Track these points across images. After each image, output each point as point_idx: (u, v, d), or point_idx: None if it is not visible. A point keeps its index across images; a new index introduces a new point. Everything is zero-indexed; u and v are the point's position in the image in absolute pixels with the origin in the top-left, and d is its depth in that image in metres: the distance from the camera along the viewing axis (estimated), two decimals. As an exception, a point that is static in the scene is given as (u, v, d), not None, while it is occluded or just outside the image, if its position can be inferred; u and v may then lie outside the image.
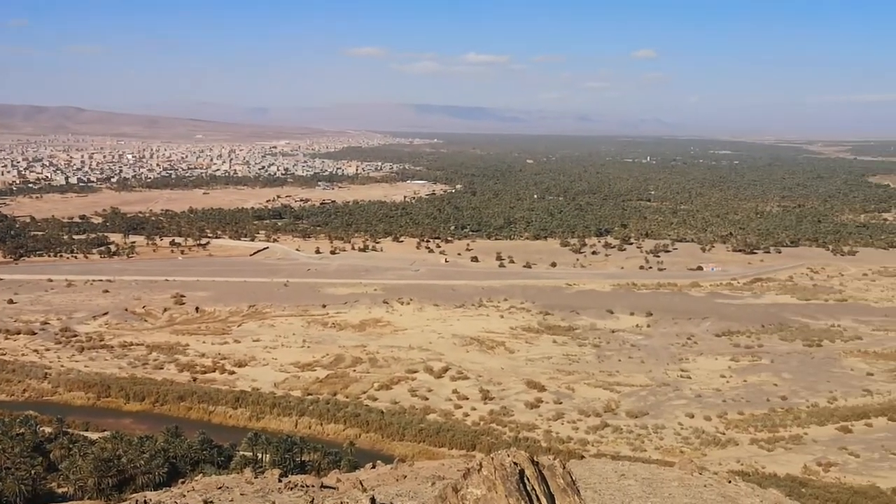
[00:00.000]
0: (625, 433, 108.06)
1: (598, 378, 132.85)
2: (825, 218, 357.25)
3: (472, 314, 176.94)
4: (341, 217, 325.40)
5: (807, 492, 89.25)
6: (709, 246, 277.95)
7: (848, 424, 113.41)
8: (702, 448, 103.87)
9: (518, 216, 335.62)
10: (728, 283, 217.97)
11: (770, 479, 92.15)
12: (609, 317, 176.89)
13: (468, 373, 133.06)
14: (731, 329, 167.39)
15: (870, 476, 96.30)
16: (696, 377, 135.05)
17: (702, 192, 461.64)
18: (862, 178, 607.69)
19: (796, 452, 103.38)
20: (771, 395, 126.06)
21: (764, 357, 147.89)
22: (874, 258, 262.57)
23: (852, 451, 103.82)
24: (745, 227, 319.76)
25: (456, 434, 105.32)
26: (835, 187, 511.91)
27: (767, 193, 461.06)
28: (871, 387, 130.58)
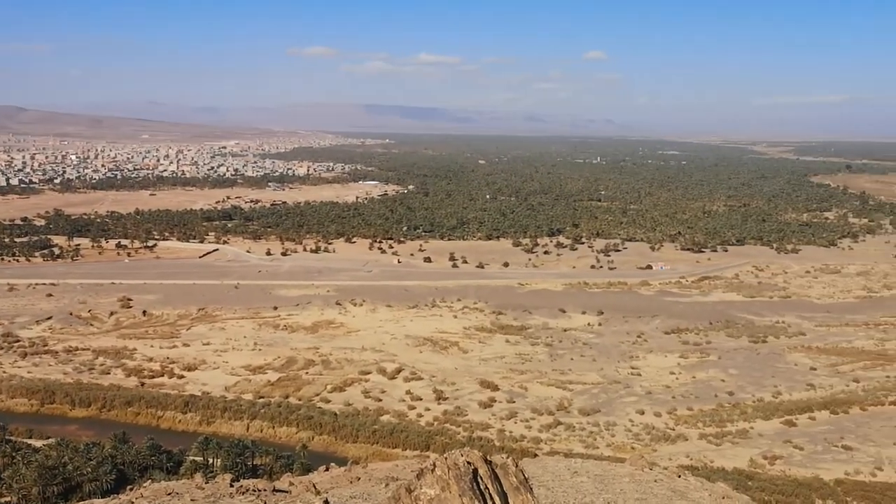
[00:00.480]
0: (577, 431, 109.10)
1: (550, 377, 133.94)
2: (769, 217, 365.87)
3: (425, 315, 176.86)
4: (293, 218, 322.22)
5: (753, 485, 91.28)
6: (658, 245, 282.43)
7: (792, 418, 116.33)
8: (652, 444, 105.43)
9: (471, 216, 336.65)
10: (677, 282, 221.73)
11: (718, 472, 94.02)
12: (561, 316, 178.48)
13: (422, 373, 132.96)
14: (679, 327, 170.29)
15: (813, 468, 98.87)
16: (646, 374, 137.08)
17: (651, 192, 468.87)
18: (804, 177, 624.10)
19: (743, 446, 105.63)
20: (718, 390, 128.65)
21: (712, 354, 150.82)
22: (816, 256, 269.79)
23: (797, 444, 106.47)
24: (692, 226, 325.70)
25: (410, 435, 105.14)
26: (778, 187, 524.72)
27: (714, 193, 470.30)
28: (814, 381, 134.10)
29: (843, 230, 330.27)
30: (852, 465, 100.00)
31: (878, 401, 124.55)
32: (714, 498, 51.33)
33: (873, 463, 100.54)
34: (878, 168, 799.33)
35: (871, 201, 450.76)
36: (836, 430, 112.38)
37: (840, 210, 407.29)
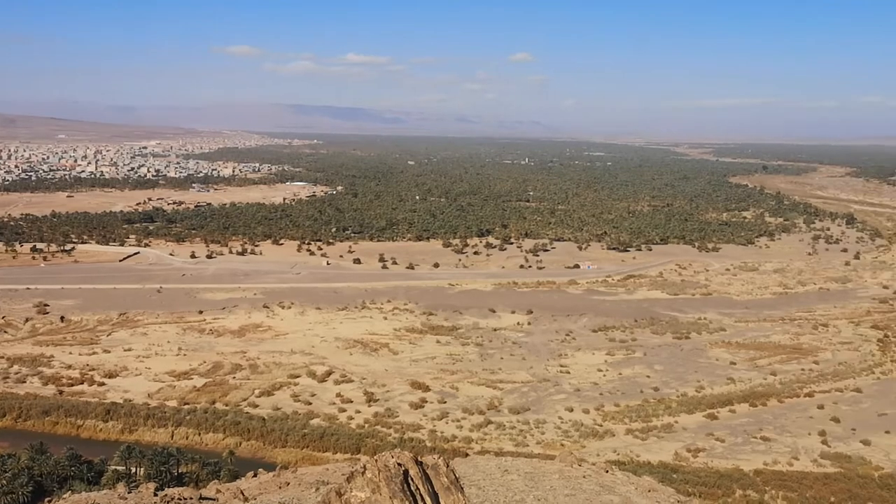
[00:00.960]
0: (507, 429, 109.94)
1: (481, 376, 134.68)
2: (691, 217, 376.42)
3: (355, 317, 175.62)
4: (218, 220, 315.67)
5: (678, 477, 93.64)
6: (585, 245, 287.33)
7: (714, 411, 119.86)
8: (581, 440, 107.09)
9: (400, 217, 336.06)
10: (603, 281, 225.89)
11: (644, 466, 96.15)
12: (491, 316, 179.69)
13: (352, 376, 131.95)
14: (606, 325, 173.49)
15: (734, 459, 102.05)
16: (574, 372, 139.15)
17: (578, 193, 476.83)
18: (724, 178, 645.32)
19: (668, 440, 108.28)
20: (644, 386, 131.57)
21: (637, 350, 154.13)
22: (735, 254, 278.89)
23: (718, 436, 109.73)
24: (618, 225, 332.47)
25: (340, 438, 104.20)
26: (699, 187, 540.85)
27: (638, 193, 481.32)
28: (734, 375, 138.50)
29: (761, 229, 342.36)
30: (770, 455, 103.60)
31: (794, 393, 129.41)
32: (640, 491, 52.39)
33: (790, 453, 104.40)
34: (792, 169, 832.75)
35: (786, 201, 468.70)
36: (755, 422, 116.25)
37: (757, 209, 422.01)
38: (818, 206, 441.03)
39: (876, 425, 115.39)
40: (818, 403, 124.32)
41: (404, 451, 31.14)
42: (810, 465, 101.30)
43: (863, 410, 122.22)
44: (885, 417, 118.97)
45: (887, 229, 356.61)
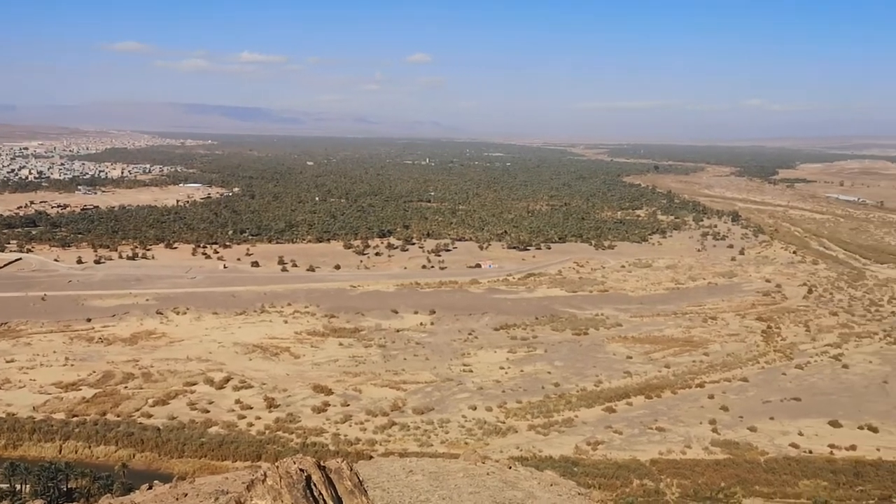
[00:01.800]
0: (412, 430, 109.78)
1: (384, 378, 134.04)
2: (588, 215, 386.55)
3: (254, 321, 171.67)
4: (106, 223, 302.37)
5: (578, 470, 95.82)
6: (486, 244, 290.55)
7: (612, 405, 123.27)
8: (484, 438, 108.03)
9: (300, 219, 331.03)
10: (504, 279, 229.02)
11: (546, 461, 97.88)
12: (394, 317, 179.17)
13: (252, 381, 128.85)
14: (508, 323, 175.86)
15: (631, 450, 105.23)
16: (477, 370, 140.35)
17: (478, 193, 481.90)
18: (618, 178, 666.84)
19: (569, 434, 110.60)
20: (545, 382, 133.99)
21: (538, 347, 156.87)
22: (630, 251, 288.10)
23: (616, 428, 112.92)
24: (518, 225, 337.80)
25: (240, 445, 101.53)
26: (595, 187, 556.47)
27: (537, 193, 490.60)
28: (631, 369, 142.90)
29: (653, 227, 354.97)
30: (665, 444, 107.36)
31: (686, 384, 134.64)
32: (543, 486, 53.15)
33: (683, 442, 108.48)
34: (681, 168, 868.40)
35: (677, 200, 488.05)
36: (650, 413, 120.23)
37: (650, 208, 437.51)
38: (706, 205, 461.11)
39: (761, 412, 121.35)
40: (708, 393, 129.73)
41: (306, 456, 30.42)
42: (702, 452, 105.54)
43: (749, 398, 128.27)
44: (769, 404, 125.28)
45: (769, 226, 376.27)
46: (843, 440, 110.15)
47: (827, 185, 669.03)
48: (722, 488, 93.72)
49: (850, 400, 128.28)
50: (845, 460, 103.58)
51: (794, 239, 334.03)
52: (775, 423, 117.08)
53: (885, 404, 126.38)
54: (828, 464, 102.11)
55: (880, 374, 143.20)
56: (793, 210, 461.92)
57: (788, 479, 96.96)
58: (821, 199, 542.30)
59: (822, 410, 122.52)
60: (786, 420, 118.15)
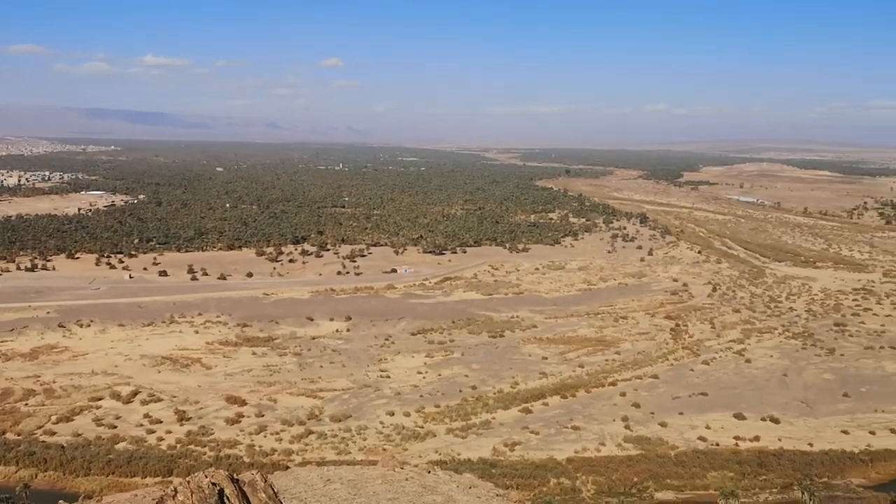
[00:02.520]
0: (329, 438, 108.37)
1: (300, 386, 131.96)
2: (502, 219, 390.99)
3: (163, 332, 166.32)
4: (2, 234, 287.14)
5: (497, 471, 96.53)
6: (402, 249, 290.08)
7: (529, 406, 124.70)
8: (403, 443, 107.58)
9: (210, 226, 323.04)
10: (421, 284, 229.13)
11: (465, 464, 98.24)
12: (309, 324, 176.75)
13: (161, 394, 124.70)
14: (425, 327, 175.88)
15: (548, 450, 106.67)
16: (395, 376, 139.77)
17: (393, 198, 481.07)
18: (530, 181, 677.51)
19: (486, 437, 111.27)
20: (463, 385, 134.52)
21: (455, 351, 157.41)
22: (543, 253, 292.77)
23: (533, 429, 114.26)
24: (433, 229, 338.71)
25: (150, 461, 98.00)
26: (508, 191, 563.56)
27: (452, 197, 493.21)
28: (546, 369, 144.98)
29: (566, 229, 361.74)
30: (580, 443, 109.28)
31: (599, 383, 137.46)
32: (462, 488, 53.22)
33: (597, 439, 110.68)
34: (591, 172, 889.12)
35: (588, 202, 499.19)
36: (566, 412, 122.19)
37: (562, 211, 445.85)
38: (616, 207, 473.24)
39: (671, 408, 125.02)
40: (621, 391, 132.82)
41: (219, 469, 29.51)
42: (615, 449, 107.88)
43: (660, 395, 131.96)
44: (678, 400, 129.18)
45: (675, 227, 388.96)
46: (747, 432, 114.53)
47: (728, 188, 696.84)
48: (635, 483, 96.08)
49: (753, 393, 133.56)
50: (749, 451, 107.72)
51: (698, 239, 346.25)
52: (684, 417, 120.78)
53: (784, 396, 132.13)
54: (733, 455, 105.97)
55: (780, 367, 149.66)
56: (697, 211, 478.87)
57: (697, 471, 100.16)
58: (723, 201, 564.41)
59: (728, 404, 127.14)
60: (694, 414, 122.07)
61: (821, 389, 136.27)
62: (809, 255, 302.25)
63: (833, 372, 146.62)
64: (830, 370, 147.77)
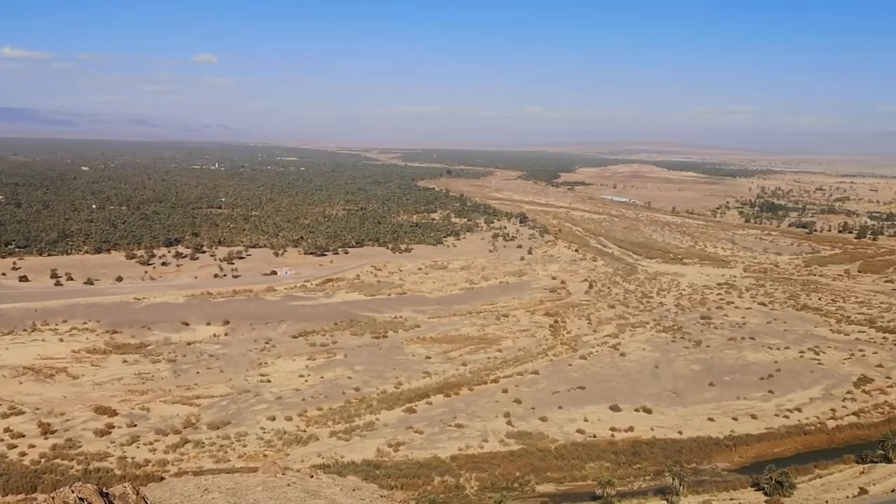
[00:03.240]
0: (207, 446, 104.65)
1: (175, 394, 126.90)
2: (384, 219, 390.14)
3: (24, 341, 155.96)
4: None
5: (381, 472, 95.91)
6: (282, 250, 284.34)
7: (413, 405, 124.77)
8: (285, 448, 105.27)
9: (75, 229, 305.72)
10: (302, 286, 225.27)
11: (349, 466, 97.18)
12: (184, 329, 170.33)
13: (23, 407, 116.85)
14: (307, 329, 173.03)
15: (432, 449, 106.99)
16: (276, 380, 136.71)
17: (272, 198, 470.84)
18: (412, 182, 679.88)
19: (370, 438, 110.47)
20: (346, 388, 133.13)
21: (338, 353, 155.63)
22: (426, 253, 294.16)
23: (417, 428, 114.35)
24: (314, 230, 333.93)
25: (11, 477, 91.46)
26: (390, 191, 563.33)
27: (333, 198, 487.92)
28: (430, 369, 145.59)
29: (448, 229, 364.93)
30: (464, 440, 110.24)
31: (482, 380, 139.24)
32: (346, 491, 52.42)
33: (480, 436, 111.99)
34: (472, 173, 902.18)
35: (469, 202, 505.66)
36: (449, 411, 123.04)
37: (444, 211, 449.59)
38: (496, 207, 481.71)
39: (551, 402, 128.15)
40: (503, 388, 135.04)
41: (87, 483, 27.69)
42: (498, 445, 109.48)
43: (540, 390, 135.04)
44: (558, 394, 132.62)
45: (553, 226, 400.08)
46: (622, 423, 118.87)
47: (602, 188, 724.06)
48: (517, 478, 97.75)
49: (627, 385, 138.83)
50: (625, 441, 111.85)
51: (575, 238, 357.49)
52: (564, 411, 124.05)
53: (656, 387, 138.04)
54: (610, 446, 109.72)
55: (652, 359, 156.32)
56: (574, 211, 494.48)
57: (576, 463, 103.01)
58: (597, 201, 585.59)
59: (604, 396, 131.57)
60: (573, 408, 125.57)
61: (689, 380, 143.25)
62: (678, 252, 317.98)
63: (700, 363, 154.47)
64: (698, 361, 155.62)
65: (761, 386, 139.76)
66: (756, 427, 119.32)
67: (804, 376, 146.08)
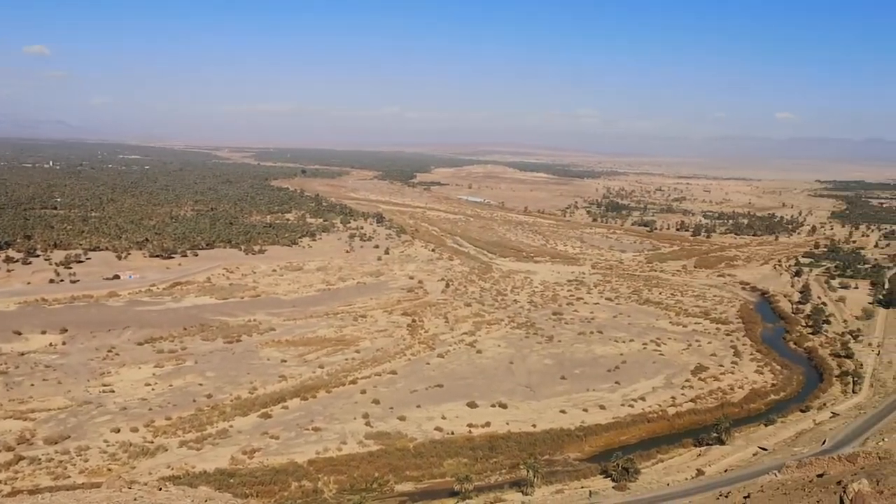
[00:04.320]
0: (44, 463, 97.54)
1: (7, 408, 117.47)
2: (236, 220, 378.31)
3: None
4: None
5: (235, 480, 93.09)
6: (125, 253, 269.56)
7: (268, 410, 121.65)
8: (131, 461, 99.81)
9: None
10: (148, 290, 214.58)
11: (201, 476, 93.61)
12: (16, 339, 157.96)
13: None
14: (153, 336, 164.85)
15: (289, 454, 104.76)
16: (120, 390, 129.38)
17: (114, 198, 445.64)
18: (265, 181, 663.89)
19: (223, 446, 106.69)
20: (197, 395, 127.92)
21: (188, 359, 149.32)
22: (281, 255, 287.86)
23: (273, 433, 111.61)
24: (161, 232, 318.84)
25: None
26: (243, 191, 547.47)
27: (181, 198, 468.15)
28: (286, 372, 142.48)
29: (303, 230, 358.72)
30: (322, 443, 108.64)
31: (340, 382, 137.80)
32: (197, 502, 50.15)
33: (339, 439, 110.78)
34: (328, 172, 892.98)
35: (325, 203, 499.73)
36: (306, 414, 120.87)
37: (299, 211, 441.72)
38: (353, 207, 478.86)
39: (409, 402, 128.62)
40: (361, 389, 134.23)
41: None
42: (357, 446, 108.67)
43: (398, 390, 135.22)
44: (416, 393, 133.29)
45: (410, 226, 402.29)
46: (479, 419, 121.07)
47: (458, 188, 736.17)
48: (376, 478, 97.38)
49: (483, 382, 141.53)
50: (482, 437, 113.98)
51: (432, 238, 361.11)
52: (422, 410, 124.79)
53: (511, 383, 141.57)
54: (467, 442, 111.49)
55: (507, 356, 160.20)
56: (430, 211, 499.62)
57: (434, 460, 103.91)
58: (453, 201, 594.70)
59: (462, 394, 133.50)
60: (431, 406, 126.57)
61: (542, 374, 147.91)
62: (530, 250, 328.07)
63: (552, 357, 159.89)
64: (550, 356, 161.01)
65: (609, 378, 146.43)
66: (604, 417, 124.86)
67: (647, 367, 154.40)
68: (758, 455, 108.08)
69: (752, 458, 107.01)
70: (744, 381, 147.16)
